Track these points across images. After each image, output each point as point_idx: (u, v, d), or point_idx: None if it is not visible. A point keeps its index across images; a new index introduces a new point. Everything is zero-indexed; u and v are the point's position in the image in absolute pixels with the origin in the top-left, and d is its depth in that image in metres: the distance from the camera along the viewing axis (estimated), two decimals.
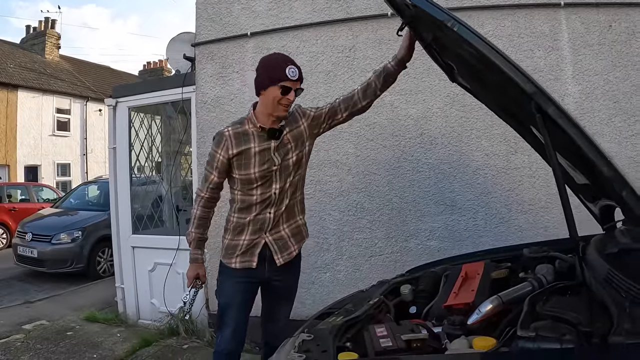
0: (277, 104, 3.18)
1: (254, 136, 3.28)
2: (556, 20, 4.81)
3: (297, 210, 3.53)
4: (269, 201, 3.31)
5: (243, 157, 3.26)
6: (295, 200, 3.47)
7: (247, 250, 3.36)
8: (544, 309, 2.09)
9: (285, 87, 3.16)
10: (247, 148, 3.25)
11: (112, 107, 6.88)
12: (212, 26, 5.92)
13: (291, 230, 3.46)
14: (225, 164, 3.30)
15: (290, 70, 3.18)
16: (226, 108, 5.68)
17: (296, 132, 3.38)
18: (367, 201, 5.21)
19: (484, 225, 4.84)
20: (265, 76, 3.24)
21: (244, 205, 3.35)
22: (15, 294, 9.47)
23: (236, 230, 3.38)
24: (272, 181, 3.29)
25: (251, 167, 3.25)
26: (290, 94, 3.17)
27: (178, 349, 5.70)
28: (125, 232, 6.86)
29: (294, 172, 3.37)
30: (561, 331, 1.91)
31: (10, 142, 24.72)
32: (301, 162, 3.43)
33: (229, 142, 3.26)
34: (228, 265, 3.41)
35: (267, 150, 3.27)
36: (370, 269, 5.16)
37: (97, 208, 12.10)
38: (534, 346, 1.88)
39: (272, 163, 3.26)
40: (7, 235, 16.37)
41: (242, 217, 3.35)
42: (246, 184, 3.30)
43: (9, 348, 5.92)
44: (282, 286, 3.52)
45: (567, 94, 4.73)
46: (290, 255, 3.43)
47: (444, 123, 4.98)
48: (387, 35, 5.16)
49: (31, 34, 30.80)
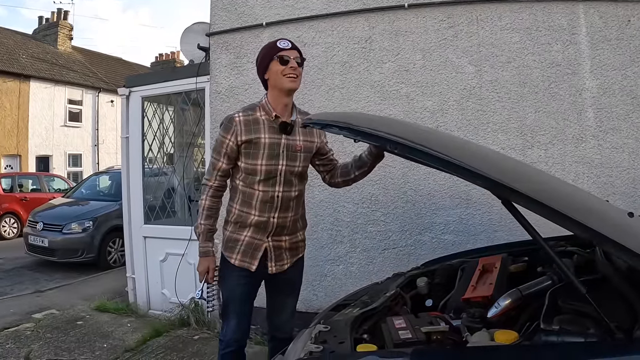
0: (282, 76, 3.22)
1: (265, 125, 3.26)
2: (574, 13, 4.76)
3: (300, 225, 3.52)
4: (272, 204, 3.28)
5: (252, 146, 3.24)
6: (298, 216, 3.46)
7: (247, 249, 3.33)
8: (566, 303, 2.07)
9: (282, 57, 3.22)
10: (257, 137, 3.23)
11: (125, 96, 6.87)
12: (227, 16, 5.89)
13: (290, 244, 3.43)
14: (235, 150, 3.27)
15: (281, 42, 3.29)
16: (240, 98, 5.65)
17: (309, 145, 3.41)
18: (381, 194, 5.18)
19: (498, 219, 4.80)
20: (262, 59, 3.34)
21: (245, 198, 3.32)
22: (25, 283, 9.54)
23: (237, 223, 3.36)
24: (275, 181, 3.27)
25: (259, 158, 3.23)
26: (291, 62, 3.22)
27: (189, 339, 5.70)
28: (137, 222, 6.86)
29: (297, 183, 3.37)
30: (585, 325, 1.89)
31: (22, 132, 24.80)
32: (304, 175, 3.45)
33: (239, 128, 3.24)
34: (228, 259, 3.39)
35: (276, 145, 3.26)
36: (384, 262, 5.13)
37: (108, 198, 12.16)
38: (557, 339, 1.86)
39: (279, 161, 3.25)
40: (18, 225, 16.46)
41: (245, 212, 3.32)
42: (250, 174, 3.27)
43: (19, 337, 5.94)
44: (286, 279, 3.50)
45: (584, 89, 4.68)
46: (281, 267, 3.41)
47: (460, 116, 4.94)
48: (404, 27, 5.14)
49: (43, 25, 30.85)
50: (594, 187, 4.57)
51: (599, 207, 2.60)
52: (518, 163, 3.37)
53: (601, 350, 1.82)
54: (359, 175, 3.46)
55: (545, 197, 2.05)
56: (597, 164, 4.61)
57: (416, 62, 5.09)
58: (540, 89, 4.75)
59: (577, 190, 3.19)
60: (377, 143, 2.69)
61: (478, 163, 2.19)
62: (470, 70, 4.93)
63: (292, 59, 3.22)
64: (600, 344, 1.82)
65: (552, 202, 1.95)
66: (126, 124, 6.91)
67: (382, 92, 5.18)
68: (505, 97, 4.82)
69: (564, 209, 1.91)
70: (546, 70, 4.75)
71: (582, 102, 4.67)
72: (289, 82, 3.22)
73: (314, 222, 5.23)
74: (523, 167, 3.06)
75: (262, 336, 5.28)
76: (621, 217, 2.43)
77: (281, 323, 3.60)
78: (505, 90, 4.82)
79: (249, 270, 3.33)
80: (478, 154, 2.77)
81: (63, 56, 29.22)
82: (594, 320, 1.90)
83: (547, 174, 3.53)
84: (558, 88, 4.71)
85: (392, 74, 5.16)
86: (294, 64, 3.21)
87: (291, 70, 3.20)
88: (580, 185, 4.56)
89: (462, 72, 4.96)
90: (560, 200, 2.24)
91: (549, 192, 2.34)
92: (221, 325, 3.58)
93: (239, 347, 3.46)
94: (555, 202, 2.04)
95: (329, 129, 2.55)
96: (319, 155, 3.50)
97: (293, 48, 3.28)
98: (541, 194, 2.11)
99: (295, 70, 3.22)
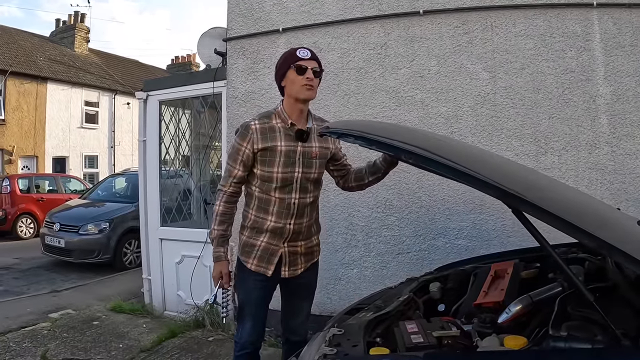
0: (298, 86, 3.24)
1: (281, 133, 3.28)
2: (588, 20, 4.77)
3: (314, 229, 3.55)
4: (288, 210, 3.31)
5: (268, 153, 3.25)
6: (312, 221, 3.49)
7: (264, 255, 3.35)
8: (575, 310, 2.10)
9: (299, 66, 3.23)
10: (273, 145, 3.25)
11: (142, 100, 6.94)
12: (244, 21, 5.95)
13: (305, 249, 3.46)
14: (251, 157, 3.29)
15: (301, 52, 3.28)
16: (257, 103, 5.70)
17: (325, 151, 3.44)
18: (396, 199, 5.21)
19: (511, 225, 4.81)
20: (281, 66, 3.35)
21: (262, 204, 3.34)
22: (42, 283, 9.64)
23: (254, 229, 3.38)
24: (291, 189, 3.30)
25: (275, 166, 3.25)
26: (308, 73, 3.23)
27: (203, 341, 5.75)
28: (153, 224, 6.91)
29: (312, 189, 3.40)
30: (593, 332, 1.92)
31: (39, 133, 24.98)
32: (319, 181, 3.48)
33: (255, 135, 3.25)
34: (245, 264, 3.41)
35: (293, 152, 3.28)
36: (398, 267, 5.16)
37: (124, 200, 12.24)
38: (565, 345, 1.89)
39: (295, 168, 3.28)
40: (35, 225, 16.60)
41: (261, 218, 3.34)
42: (266, 181, 3.30)
43: (35, 336, 6.01)
44: (301, 283, 3.52)
45: (598, 95, 4.69)
46: (294, 272, 3.43)
47: (474, 122, 4.97)
48: (419, 33, 5.18)
49: (61, 27, 31.03)
50: (607, 193, 4.58)
51: (609, 216, 2.62)
52: (530, 171, 3.37)
53: (607, 357, 1.85)
54: (373, 181, 3.51)
55: (554, 206, 2.08)
56: (610, 170, 4.62)
57: (431, 68, 5.13)
58: (554, 96, 4.77)
59: (587, 198, 3.20)
60: (391, 153, 2.71)
61: (489, 172, 2.22)
62: (485, 77, 4.95)
63: (310, 69, 3.23)
64: (606, 351, 1.85)
65: (560, 211, 1.98)
66: (144, 128, 6.96)
67: (397, 98, 5.22)
68: (520, 103, 4.84)
69: (572, 218, 1.93)
70: (560, 76, 4.77)
71: (595, 108, 4.68)
72: (304, 91, 3.24)
73: (328, 226, 5.28)
74: (534, 176, 3.06)
75: (276, 338, 5.32)
76: (631, 226, 2.45)
77: (296, 326, 3.62)
78: (520, 96, 4.85)
79: (264, 275, 3.36)
80: (490, 162, 2.79)
81: (80, 58, 29.40)
82: (602, 327, 1.93)
83: (560, 183, 3.53)
84: (572, 94, 4.73)
85: (407, 80, 5.20)
86: (311, 74, 3.23)
87: (307, 80, 3.21)
88: (593, 191, 4.58)
89: (476, 78, 4.99)
90: (569, 209, 2.26)
91: (558, 200, 2.36)
92: (236, 328, 3.61)
93: (254, 349, 3.50)
94: (564, 211, 2.06)
95: (345, 138, 2.57)
96: (333, 160, 3.53)
97: (312, 58, 3.28)
98: (550, 202, 2.14)
99: (312, 81, 3.23)
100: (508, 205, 2.14)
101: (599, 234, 1.89)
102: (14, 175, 18.75)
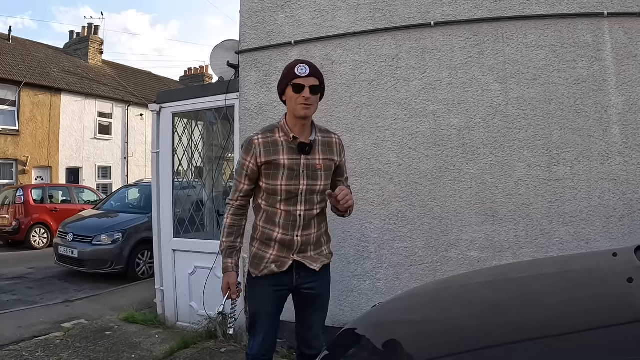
0: (295, 104, 3.26)
1: (283, 147, 3.31)
2: (599, 30, 4.75)
3: (324, 240, 3.56)
4: (294, 222, 3.33)
5: (272, 167, 3.28)
6: (321, 232, 3.50)
7: (274, 263, 3.38)
8: None
9: (296, 84, 3.23)
10: (276, 159, 3.28)
11: (156, 112, 6.97)
12: (256, 34, 5.98)
13: (316, 255, 3.48)
14: (255, 171, 3.33)
15: (299, 68, 3.26)
16: (269, 115, 5.72)
17: (329, 163, 3.44)
18: (408, 210, 5.20)
19: (524, 236, 4.80)
20: (280, 82, 3.38)
21: (269, 217, 3.38)
22: (55, 293, 9.70)
23: (263, 241, 3.41)
24: (297, 201, 3.32)
25: (278, 179, 3.28)
26: (304, 91, 3.22)
27: (216, 352, 5.74)
28: (166, 235, 6.93)
29: (318, 201, 3.41)
30: None
31: (53, 144, 25.20)
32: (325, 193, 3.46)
33: (258, 150, 3.29)
34: (254, 274, 3.45)
35: (296, 165, 3.30)
36: (410, 278, 5.15)
37: (137, 211, 12.31)
38: None
39: (300, 180, 3.30)
40: (49, 235, 16.72)
41: (269, 229, 3.37)
42: (272, 194, 3.33)
43: (48, 345, 6.03)
44: (312, 294, 3.51)
45: (610, 105, 4.67)
46: (311, 264, 3.43)
47: (486, 133, 4.97)
48: (430, 45, 5.19)
49: (74, 39, 31.46)
50: (620, 203, 4.55)
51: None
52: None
53: None
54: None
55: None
56: (622, 180, 4.59)
57: (443, 80, 5.13)
58: (566, 106, 4.75)
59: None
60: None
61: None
62: (496, 88, 4.95)
63: (307, 87, 3.23)
64: None
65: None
66: (157, 139, 6.99)
67: (409, 110, 5.22)
68: (531, 114, 4.84)
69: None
70: (572, 87, 4.76)
71: (607, 118, 4.66)
72: (300, 110, 3.24)
73: (341, 238, 5.29)
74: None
75: (288, 350, 5.31)
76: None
77: (310, 339, 3.61)
78: (531, 107, 4.84)
79: (276, 280, 3.39)
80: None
81: (93, 70, 29.69)
82: None
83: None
84: (584, 105, 4.71)
85: (419, 91, 5.20)
86: (307, 93, 3.22)
87: (303, 100, 3.22)
88: (606, 202, 4.57)
89: (488, 89, 4.99)
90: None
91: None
92: (248, 340, 3.62)
93: None
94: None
95: None
96: (335, 174, 3.54)
97: (311, 75, 3.26)
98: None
99: (308, 100, 3.23)
100: None
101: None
102: (28, 186, 18.91)
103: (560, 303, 2.43)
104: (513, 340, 2.10)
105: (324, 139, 3.45)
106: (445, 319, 2.68)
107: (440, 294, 3.23)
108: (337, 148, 3.48)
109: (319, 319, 3.65)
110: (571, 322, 2.17)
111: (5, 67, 23.63)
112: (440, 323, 2.61)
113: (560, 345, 1.97)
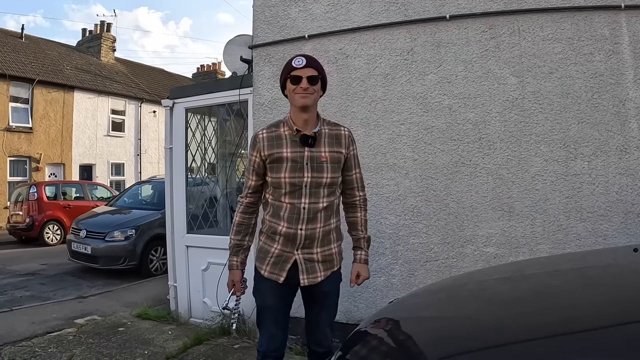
0: (293, 95, 3.30)
1: (287, 140, 3.34)
2: (617, 23, 4.69)
3: (333, 237, 3.51)
4: (298, 215, 3.31)
5: (276, 160, 3.30)
6: (330, 227, 3.45)
7: (277, 262, 3.37)
8: None
9: (294, 76, 3.28)
10: (279, 152, 3.31)
11: (169, 107, 6.96)
12: (270, 29, 5.95)
13: (323, 257, 3.43)
14: (261, 165, 3.37)
15: (296, 61, 3.32)
16: (283, 110, 5.66)
17: (336, 155, 3.42)
18: (423, 205, 5.16)
19: (541, 232, 4.75)
20: (281, 77, 3.44)
21: (275, 210, 3.39)
22: (68, 289, 9.77)
23: (269, 234, 3.42)
24: (301, 194, 3.31)
25: (282, 171, 3.30)
26: (302, 82, 3.26)
27: (229, 348, 5.73)
28: (179, 232, 6.92)
29: (325, 194, 3.38)
30: None
31: (66, 141, 25.31)
32: (334, 186, 3.45)
33: (261, 144, 3.35)
34: (259, 270, 3.45)
35: (299, 157, 3.30)
36: (426, 274, 5.11)
37: (150, 207, 12.35)
38: None
39: (304, 173, 3.29)
40: (62, 232, 16.82)
41: (274, 222, 3.38)
42: (276, 187, 3.35)
43: (61, 341, 6.05)
44: (321, 292, 3.49)
45: (627, 99, 4.61)
46: (314, 280, 3.40)
47: (502, 127, 4.91)
48: (446, 39, 5.14)
49: (87, 37, 31.60)
50: (639, 199, 4.49)
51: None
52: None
53: None
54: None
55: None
56: None
57: (458, 74, 5.08)
58: (583, 100, 4.69)
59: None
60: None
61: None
62: (513, 82, 4.90)
63: (305, 77, 3.26)
64: None
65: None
66: (170, 135, 6.99)
67: (425, 104, 5.18)
68: (548, 108, 4.78)
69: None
70: (589, 80, 4.70)
71: (625, 112, 4.60)
72: (298, 99, 3.27)
73: None
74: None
75: (302, 347, 5.28)
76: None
77: (319, 337, 3.59)
78: (548, 101, 4.78)
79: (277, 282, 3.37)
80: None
81: (106, 67, 29.82)
82: None
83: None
84: (601, 99, 4.65)
85: (434, 85, 5.15)
86: (305, 83, 3.26)
87: (301, 90, 3.26)
88: (624, 197, 4.51)
89: (504, 83, 4.93)
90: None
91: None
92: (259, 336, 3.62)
93: (275, 357, 3.48)
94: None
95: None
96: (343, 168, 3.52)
97: (308, 65, 3.30)
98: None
99: (306, 90, 3.26)
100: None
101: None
102: (41, 183, 19.04)
103: (577, 300, 2.41)
104: (529, 337, 2.07)
105: (331, 132, 3.44)
106: (461, 315, 2.65)
107: (456, 291, 3.22)
108: (345, 140, 3.46)
109: (328, 318, 3.63)
110: (589, 319, 2.15)
111: (18, 65, 23.75)
112: (456, 320, 2.59)
113: (577, 344, 1.95)
